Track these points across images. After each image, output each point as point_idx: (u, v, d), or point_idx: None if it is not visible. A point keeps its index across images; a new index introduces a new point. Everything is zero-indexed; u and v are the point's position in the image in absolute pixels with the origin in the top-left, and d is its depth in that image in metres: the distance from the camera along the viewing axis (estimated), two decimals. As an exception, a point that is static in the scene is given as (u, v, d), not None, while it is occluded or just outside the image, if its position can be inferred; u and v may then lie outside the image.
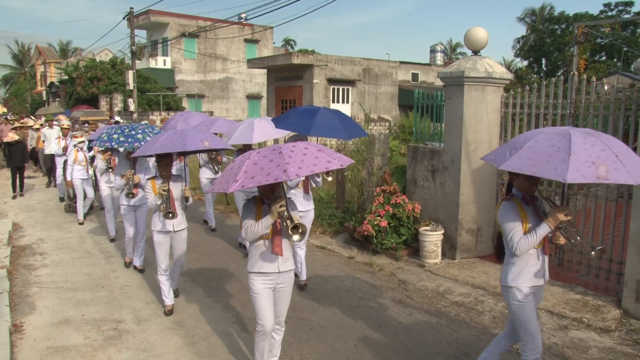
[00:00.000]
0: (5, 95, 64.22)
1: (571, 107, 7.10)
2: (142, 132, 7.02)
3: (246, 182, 3.60)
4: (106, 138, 6.98)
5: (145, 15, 35.86)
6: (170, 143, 5.47)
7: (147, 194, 5.85)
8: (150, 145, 5.61)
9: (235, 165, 3.94)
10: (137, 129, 7.10)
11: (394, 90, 32.61)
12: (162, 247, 6.03)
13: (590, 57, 38.57)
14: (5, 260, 7.79)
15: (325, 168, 3.66)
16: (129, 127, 7.16)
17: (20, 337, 5.47)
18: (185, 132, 5.71)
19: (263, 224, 4.07)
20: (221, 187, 3.79)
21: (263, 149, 3.96)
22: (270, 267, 4.27)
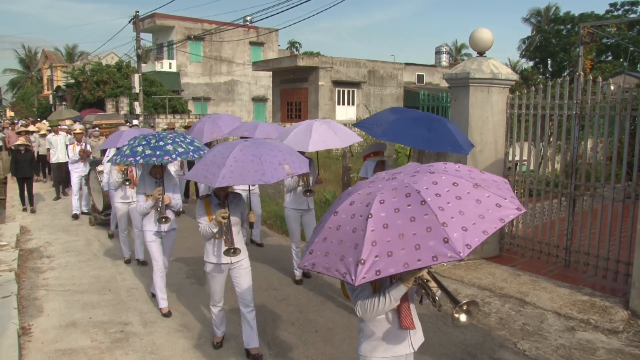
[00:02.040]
0: (13, 100, 64.67)
1: (577, 108, 7.08)
2: (172, 143, 5.72)
3: (382, 267, 2.28)
4: (129, 152, 5.66)
5: (150, 18, 36.00)
6: (243, 170, 4.17)
7: (200, 218, 4.82)
8: (208, 169, 4.34)
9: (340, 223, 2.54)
10: (166, 138, 5.80)
11: (399, 92, 32.61)
12: (218, 281, 5.09)
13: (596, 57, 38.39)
14: (13, 263, 7.83)
15: (500, 222, 2.36)
16: (156, 136, 5.83)
17: (28, 339, 5.50)
18: (258, 152, 4.35)
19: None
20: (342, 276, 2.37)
21: (378, 179, 2.71)
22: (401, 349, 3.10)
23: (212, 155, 4.41)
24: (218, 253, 4.93)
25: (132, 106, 28.11)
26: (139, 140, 5.78)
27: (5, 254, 8.30)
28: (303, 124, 6.70)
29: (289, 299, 6.66)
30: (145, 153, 5.55)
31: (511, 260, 7.78)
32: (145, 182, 6.06)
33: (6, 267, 7.57)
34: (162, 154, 5.57)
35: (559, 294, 6.46)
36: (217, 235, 4.85)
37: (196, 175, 4.42)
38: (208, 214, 4.82)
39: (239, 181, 4.07)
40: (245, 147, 4.34)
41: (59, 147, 13.72)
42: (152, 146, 5.63)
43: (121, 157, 5.70)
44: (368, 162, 5.29)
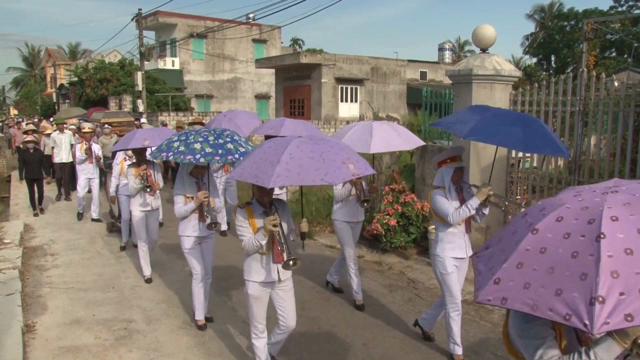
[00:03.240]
0: (16, 98, 64.82)
1: (581, 104, 7.06)
2: (231, 141, 5.17)
3: (634, 311, 1.64)
4: (184, 149, 4.97)
5: (153, 16, 35.98)
6: (301, 169, 3.60)
7: (243, 230, 4.16)
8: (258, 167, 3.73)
9: None
10: (224, 135, 5.23)
11: (402, 89, 32.56)
12: (261, 303, 4.41)
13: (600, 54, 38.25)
14: (17, 261, 7.85)
15: None
16: (213, 133, 5.21)
17: (32, 337, 5.52)
18: (317, 149, 3.78)
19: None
20: None
21: (586, 191, 2.11)
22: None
23: (262, 152, 3.82)
24: (267, 268, 4.25)
25: (135, 104, 28.14)
26: (193, 137, 5.09)
27: (9, 251, 8.33)
28: (360, 125, 6.13)
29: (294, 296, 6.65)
30: (206, 151, 4.95)
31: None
32: (185, 182, 5.52)
33: (10, 265, 7.60)
34: (224, 152, 5.00)
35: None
36: (264, 249, 4.17)
37: (244, 174, 3.80)
38: (252, 224, 4.17)
39: (297, 181, 3.53)
40: (303, 143, 3.77)
41: (63, 147, 13.21)
42: (212, 144, 5.03)
43: (175, 154, 4.97)
44: (444, 169, 4.87)
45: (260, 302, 4.37)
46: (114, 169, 8.76)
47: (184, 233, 5.57)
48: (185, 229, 5.55)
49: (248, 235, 4.15)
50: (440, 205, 4.77)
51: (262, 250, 4.17)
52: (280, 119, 8.13)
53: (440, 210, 4.78)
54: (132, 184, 7.01)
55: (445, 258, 4.83)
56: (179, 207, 5.45)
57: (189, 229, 5.55)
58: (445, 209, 4.73)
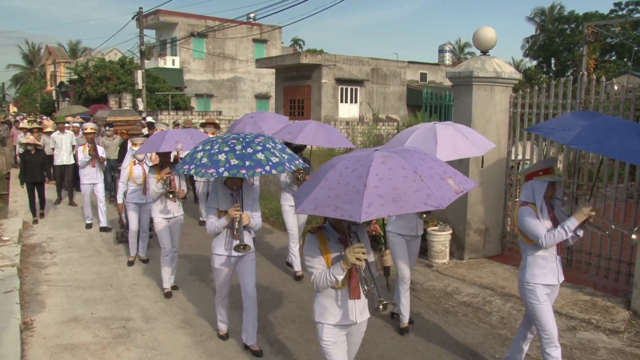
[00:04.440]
0: (16, 95, 64.81)
1: (580, 107, 7.07)
2: (262, 150, 4.46)
3: None
4: (207, 161, 4.37)
5: (154, 15, 35.99)
6: (398, 192, 2.89)
7: (315, 262, 3.40)
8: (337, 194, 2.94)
9: None
10: (254, 143, 4.51)
11: (402, 90, 32.58)
12: (341, 350, 3.65)
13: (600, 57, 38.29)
14: (15, 258, 7.85)
15: None
16: (241, 140, 4.53)
17: (30, 334, 5.52)
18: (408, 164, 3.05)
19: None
20: None
21: None
22: None
23: (337, 175, 3.03)
24: (343, 307, 3.52)
25: (134, 102, 28.12)
26: (218, 146, 4.44)
27: (8, 249, 8.32)
28: (422, 128, 5.40)
29: (290, 296, 6.67)
30: (231, 163, 4.28)
31: (513, 259, 7.78)
32: (218, 194, 4.92)
33: (9, 262, 7.59)
34: (253, 165, 4.30)
35: (561, 293, 6.43)
36: (339, 283, 3.38)
37: (319, 206, 2.96)
38: (325, 254, 3.41)
39: (395, 209, 2.82)
40: (388, 158, 3.01)
41: (64, 148, 12.60)
42: (238, 154, 4.35)
43: (197, 167, 4.35)
44: (535, 183, 4.25)
45: (340, 349, 3.60)
46: (122, 173, 8.08)
47: (215, 250, 5.08)
48: (217, 246, 5.06)
49: (320, 268, 3.39)
50: (530, 226, 4.20)
51: (336, 285, 3.42)
52: (301, 123, 7.25)
53: (531, 232, 4.20)
54: (154, 189, 6.46)
55: (536, 286, 4.28)
56: (210, 222, 4.91)
57: (220, 246, 5.03)
58: (537, 230, 4.17)
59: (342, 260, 3.23)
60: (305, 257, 3.46)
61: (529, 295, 4.30)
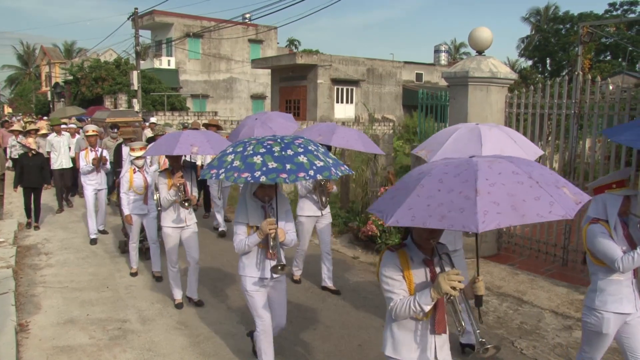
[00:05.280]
0: (11, 96, 64.63)
1: (576, 107, 7.09)
2: (304, 152, 3.84)
3: None
4: (240, 164, 3.75)
5: (149, 15, 35.95)
6: (515, 200, 2.48)
7: (392, 283, 2.89)
8: (442, 202, 2.49)
9: None
10: (294, 144, 3.90)
11: (398, 90, 32.63)
12: None
13: (595, 57, 38.43)
14: (10, 260, 7.82)
15: None
16: (278, 141, 3.91)
17: (25, 336, 5.49)
18: (522, 169, 2.64)
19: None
20: None
21: None
22: None
23: (436, 181, 2.61)
24: (422, 343, 2.99)
25: (130, 103, 28.09)
26: (253, 147, 3.85)
27: (3, 250, 8.29)
28: (464, 129, 4.92)
29: (288, 297, 6.65)
30: (269, 167, 3.66)
31: (509, 259, 7.79)
32: (248, 206, 4.28)
33: (4, 264, 7.57)
34: (294, 168, 3.67)
35: (557, 293, 6.47)
36: (424, 314, 2.88)
37: (417, 216, 2.50)
38: (408, 277, 2.91)
39: (516, 218, 2.42)
40: (494, 163, 2.66)
41: (62, 151, 11.91)
42: (276, 156, 3.73)
43: (227, 171, 3.75)
44: (608, 197, 3.75)
45: None
46: (122, 183, 7.33)
47: (244, 272, 4.39)
48: (247, 267, 4.37)
49: (401, 294, 2.88)
50: (603, 247, 3.65)
51: (419, 316, 2.91)
52: (330, 125, 6.88)
53: (604, 253, 3.66)
54: (165, 196, 5.89)
55: (605, 314, 3.71)
56: (239, 240, 4.23)
57: (252, 267, 4.35)
58: (612, 252, 3.60)
59: (433, 288, 2.73)
60: (381, 279, 2.95)
61: (595, 323, 3.77)
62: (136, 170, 7.24)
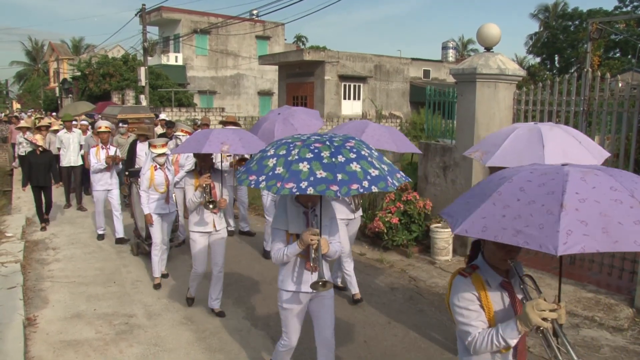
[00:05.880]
0: (19, 92, 64.97)
1: (584, 105, 7.05)
2: (357, 158, 3.32)
3: None
4: (284, 171, 3.24)
5: (157, 12, 36.01)
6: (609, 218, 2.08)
7: (468, 313, 2.52)
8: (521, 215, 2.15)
9: None
10: (345, 148, 3.37)
11: (405, 87, 32.55)
12: None
13: (604, 54, 38.17)
14: (19, 254, 7.86)
15: None
16: (327, 144, 3.38)
17: (33, 330, 5.53)
18: (618, 182, 2.24)
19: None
20: None
21: None
22: None
23: (516, 189, 2.25)
24: None
25: (138, 99, 28.16)
26: (298, 150, 3.32)
27: (11, 245, 8.34)
28: (522, 128, 4.57)
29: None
30: (317, 176, 3.16)
31: (516, 257, 7.76)
32: (288, 212, 3.82)
33: (12, 259, 7.61)
34: (347, 179, 3.16)
35: (564, 291, 6.44)
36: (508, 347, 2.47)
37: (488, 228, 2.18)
38: (487, 305, 2.51)
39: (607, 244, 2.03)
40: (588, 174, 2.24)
41: (72, 148, 11.75)
42: (326, 163, 3.22)
43: (269, 179, 3.25)
44: None
45: None
46: (142, 181, 6.92)
47: (282, 285, 3.96)
48: (286, 280, 3.93)
49: (480, 326, 2.49)
50: None
51: (503, 350, 2.53)
52: (361, 123, 6.35)
53: None
54: (191, 198, 5.54)
55: None
56: (277, 249, 3.79)
57: (288, 280, 3.92)
58: None
59: (519, 320, 2.36)
60: (454, 310, 2.55)
61: None
62: (157, 168, 6.92)
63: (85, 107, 20.17)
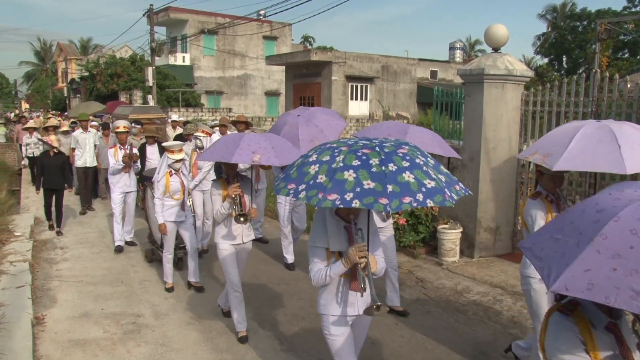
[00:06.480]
0: (28, 92, 65.35)
1: (593, 105, 7.01)
2: (411, 167, 2.90)
3: None
4: (327, 181, 2.86)
5: (164, 12, 36.13)
6: None
7: None
8: None
9: None
10: (398, 156, 2.96)
11: (412, 88, 32.48)
12: None
13: (613, 55, 37.97)
14: (27, 253, 7.90)
15: None
16: (379, 151, 2.96)
17: (42, 329, 5.55)
18: None
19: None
20: None
21: None
22: None
23: (626, 231, 1.75)
24: None
25: (145, 99, 28.27)
26: (344, 157, 2.93)
27: (20, 244, 8.38)
28: (587, 126, 4.11)
29: (300, 293, 6.66)
30: (364, 187, 2.76)
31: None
32: (328, 226, 3.36)
33: (21, 258, 7.65)
34: (398, 191, 2.75)
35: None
36: None
37: (595, 285, 1.69)
38: (593, 353, 2.03)
39: None
40: None
41: (87, 148, 11.50)
42: (374, 172, 2.82)
43: (309, 189, 2.88)
44: None
45: None
46: (157, 188, 6.53)
47: (325, 310, 3.47)
48: (329, 304, 3.45)
49: None
50: None
51: None
52: (401, 125, 5.86)
53: None
54: (219, 209, 5.08)
55: None
56: (317, 269, 3.32)
57: (333, 304, 3.45)
58: None
59: None
60: (549, 353, 2.12)
61: None
62: (172, 173, 6.54)
63: (96, 107, 19.85)
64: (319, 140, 6.26)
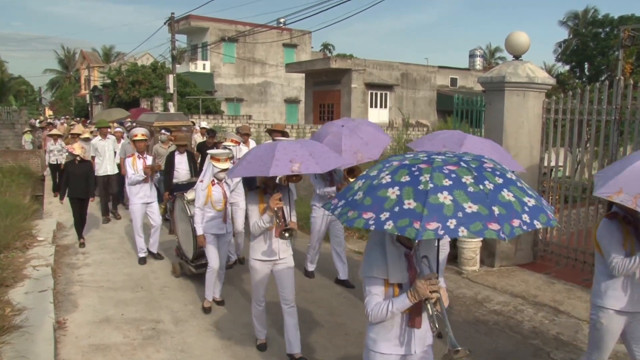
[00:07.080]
0: (52, 99, 66.47)
1: (616, 113, 6.91)
2: (507, 184, 2.51)
3: None
4: (415, 204, 2.38)
5: (185, 20, 36.49)
6: None
7: None
8: None
9: None
10: (488, 171, 2.54)
11: (432, 95, 32.40)
12: None
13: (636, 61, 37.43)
14: (50, 258, 8.00)
15: None
16: (461, 164, 2.54)
17: (63, 333, 5.62)
18: None
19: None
20: None
21: None
22: None
23: None
24: None
25: (166, 106, 28.54)
26: (429, 176, 2.46)
27: (43, 249, 8.49)
28: None
29: (319, 301, 6.65)
30: (465, 211, 2.34)
31: (545, 268, 7.64)
32: (388, 255, 2.94)
33: (43, 262, 7.74)
34: (505, 213, 2.36)
35: (579, 297, 6.30)
36: None
37: None
38: None
39: None
40: None
41: (107, 156, 11.24)
42: (473, 193, 2.39)
43: (396, 217, 2.37)
44: None
45: None
46: (198, 197, 6.19)
47: (380, 348, 3.09)
48: (382, 341, 3.09)
49: None
50: None
51: None
52: (457, 134, 5.32)
53: None
54: (257, 222, 4.69)
55: None
56: (374, 303, 2.96)
57: (389, 341, 3.08)
58: None
59: None
60: None
61: None
62: (215, 183, 6.24)
63: (119, 113, 19.20)
64: (362, 153, 6.15)
